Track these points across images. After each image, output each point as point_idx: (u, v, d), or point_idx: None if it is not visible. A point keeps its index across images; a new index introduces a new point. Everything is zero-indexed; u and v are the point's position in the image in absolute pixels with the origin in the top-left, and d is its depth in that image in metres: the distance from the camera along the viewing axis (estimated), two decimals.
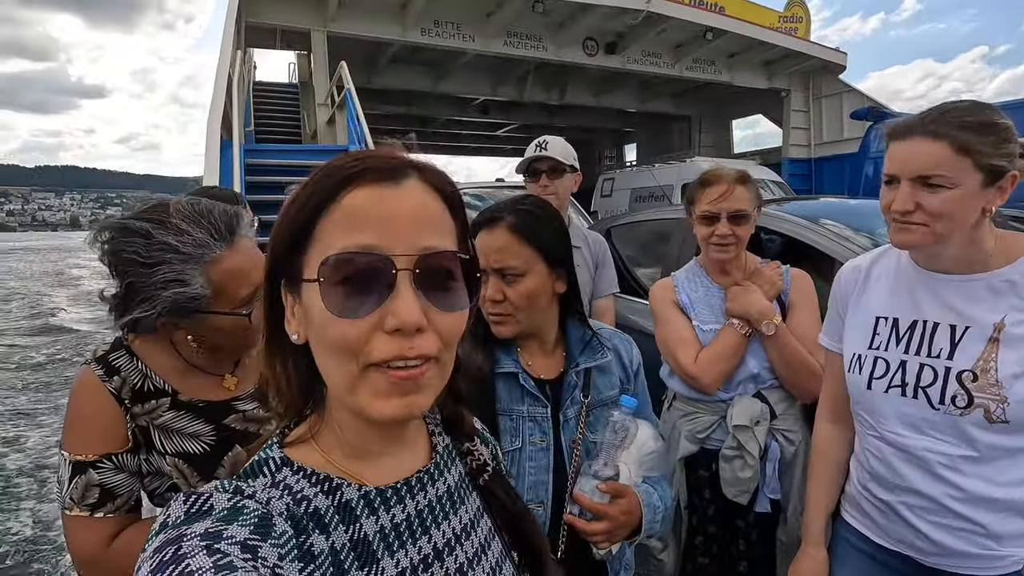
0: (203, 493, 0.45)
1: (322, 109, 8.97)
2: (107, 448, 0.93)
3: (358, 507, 0.50)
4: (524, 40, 10.39)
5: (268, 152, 6.65)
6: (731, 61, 12.33)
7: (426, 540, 0.52)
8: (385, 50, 10.49)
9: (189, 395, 1.00)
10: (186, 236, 0.90)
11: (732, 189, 1.51)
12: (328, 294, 0.44)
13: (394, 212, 0.46)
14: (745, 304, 1.50)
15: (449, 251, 0.48)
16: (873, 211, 3.03)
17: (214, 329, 0.95)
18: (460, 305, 0.48)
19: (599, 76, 12.72)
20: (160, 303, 0.89)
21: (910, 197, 0.95)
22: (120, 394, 0.95)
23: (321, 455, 0.51)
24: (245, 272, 0.94)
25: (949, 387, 0.96)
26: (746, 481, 1.46)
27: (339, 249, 0.44)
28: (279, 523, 0.44)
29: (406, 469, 0.54)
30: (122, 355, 0.98)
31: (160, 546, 0.40)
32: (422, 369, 0.45)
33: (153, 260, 0.88)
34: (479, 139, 19.89)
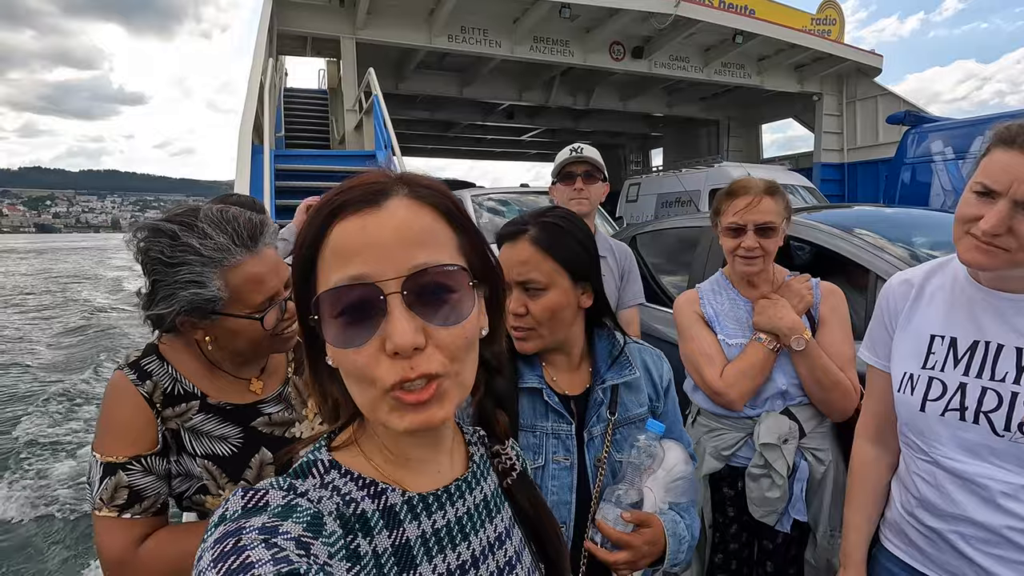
0: (260, 489, 0.47)
1: (350, 115, 9.11)
2: (137, 450, 0.95)
3: (402, 512, 0.51)
4: (551, 45, 10.39)
5: (297, 157, 6.77)
6: (761, 64, 12.11)
7: (465, 547, 0.54)
8: (412, 56, 10.60)
9: (217, 398, 1.03)
10: (208, 240, 0.93)
11: (760, 200, 1.47)
12: (329, 328, 0.46)
13: (377, 237, 0.46)
14: (773, 318, 1.46)
15: (439, 265, 0.47)
16: (911, 221, 2.94)
17: (229, 331, 0.98)
18: (460, 317, 0.48)
19: (625, 80, 12.63)
20: (179, 302, 0.92)
21: (1006, 219, 0.86)
22: (152, 398, 0.97)
23: (365, 459, 0.53)
24: (261, 279, 0.97)
25: (1016, 413, 0.91)
26: (774, 501, 1.42)
27: (332, 284, 0.46)
28: (329, 522, 0.46)
29: (445, 477, 0.56)
30: (153, 360, 1.01)
31: (220, 537, 0.42)
32: (430, 391, 0.46)
33: (176, 260, 0.92)
34: (504, 144, 19.95)
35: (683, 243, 3.52)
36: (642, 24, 10.13)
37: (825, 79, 12.64)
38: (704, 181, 8.99)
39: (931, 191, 6.61)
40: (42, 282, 24.64)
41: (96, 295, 18.94)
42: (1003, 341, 0.95)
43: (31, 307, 16.23)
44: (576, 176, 1.97)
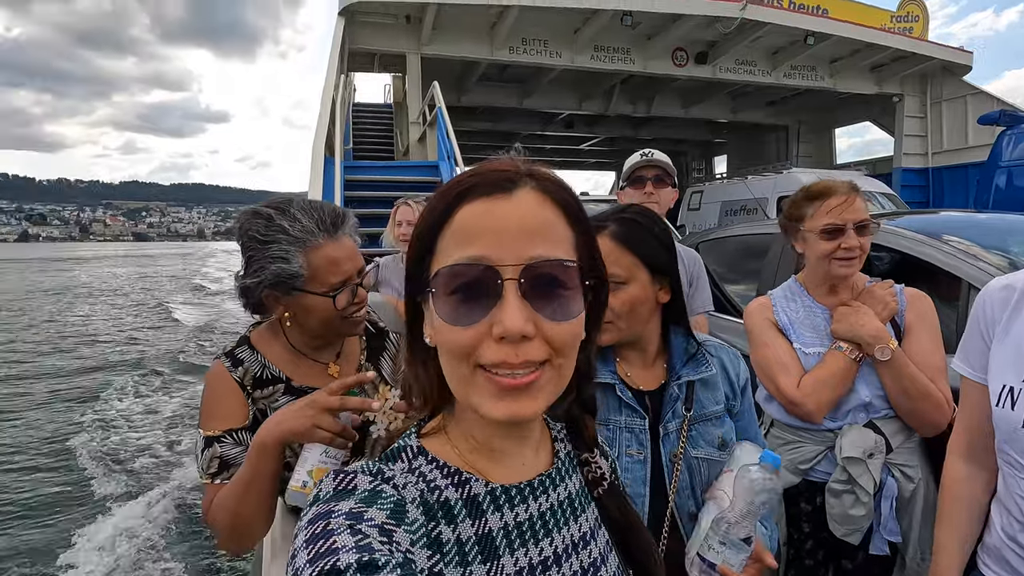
0: (350, 473, 0.50)
1: (414, 127, 9.42)
2: (229, 424, 1.07)
3: (484, 502, 0.52)
4: (611, 53, 10.34)
5: (365, 168, 7.06)
6: (835, 66, 11.55)
7: (547, 543, 0.54)
8: (474, 69, 10.83)
9: (300, 382, 1.13)
10: (297, 223, 1.06)
11: (852, 199, 1.42)
12: (441, 303, 0.48)
13: (502, 223, 0.47)
14: (855, 326, 1.39)
15: (557, 260, 0.47)
16: (1008, 226, 2.72)
17: (305, 308, 1.08)
18: (571, 314, 0.48)
19: (688, 87, 12.38)
20: (266, 274, 1.04)
21: None
22: (243, 382, 1.10)
23: (452, 447, 0.55)
24: (338, 262, 1.07)
25: None
26: (858, 519, 1.34)
27: (452, 262, 0.47)
28: (412, 510, 0.48)
29: (529, 471, 0.56)
30: (245, 349, 1.14)
31: (313, 519, 0.45)
32: (530, 377, 0.46)
33: (268, 238, 1.05)
34: (563, 153, 19.97)
35: (750, 251, 3.40)
36: (706, 29, 9.91)
37: (906, 79, 11.89)
38: (772, 188, 8.65)
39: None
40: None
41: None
42: None
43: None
44: (646, 180, 1.96)
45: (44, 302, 20.44)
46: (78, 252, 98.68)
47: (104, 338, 12.79)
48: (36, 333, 13.61)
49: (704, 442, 1.05)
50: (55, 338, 12.85)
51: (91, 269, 42.68)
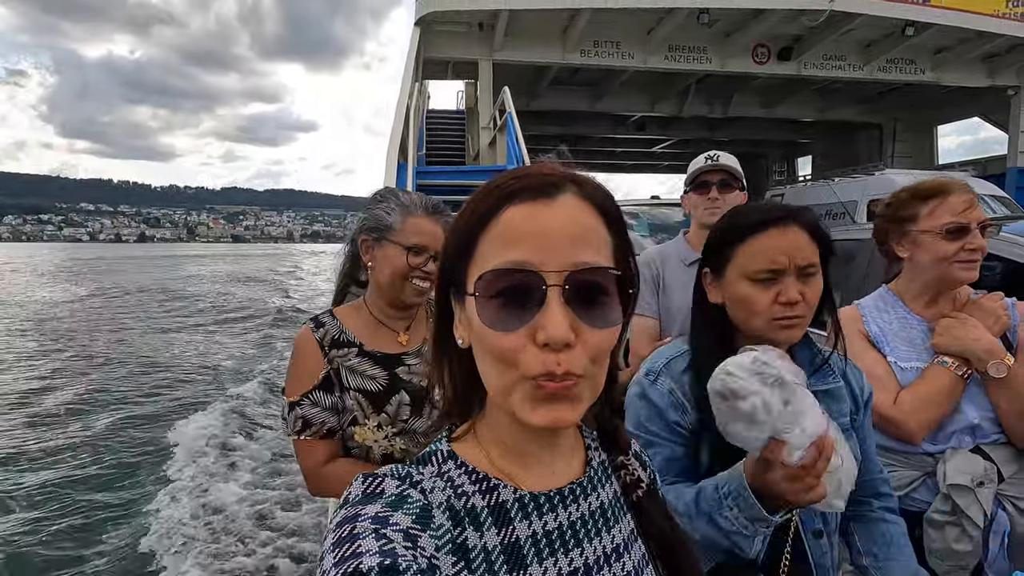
0: (378, 476, 0.50)
1: (485, 132, 9.56)
2: (305, 388, 1.24)
3: (512, 509, 0.51)
4: (686, 53, 10.05)
5: (436, 173, 7.25)
6: (938, 58, 10.62)
7: (577, 553, 0.52)
8: (545, 73, 10.88)
9: (372, 347, 1.29)
10: (407, 196, 1.33)
11: (975, 197, 1.29)
12: (484, 308, 0.47)
13: (546, 228, 0.47)
14: (964, 340, 1.25)
15: (601, 267, 0.47)
16: None
17: (385, 257, 1.27)
18: (611, 322, 0.48)
19: (769, 84, 11.82)
20: (369, 217, 1.30)
21: None
22: (323, 341, 1.27)
23: (482, 452, 0.54)
24: (424, 230, 1.27)
25: None
26: (964, 555, 1.20)
27: (494, 265, 0.47)
28: (438, 516, 0.48)
29: (560, 478, 0.55)
30: (328, 316, 1.32)
31: (341, 522, 0.46)
32: (568, 384, 0.46)
33: (383, 199, 1.31)
34: (634, 156, 19.61)
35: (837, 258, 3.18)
36: (791, 23, 9.42)
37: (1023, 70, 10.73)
38: (862, 191, 8.04)
39: None
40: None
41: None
42: None
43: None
44: (711, 185, 1.85)
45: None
46: (190, 250, 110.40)
47: None
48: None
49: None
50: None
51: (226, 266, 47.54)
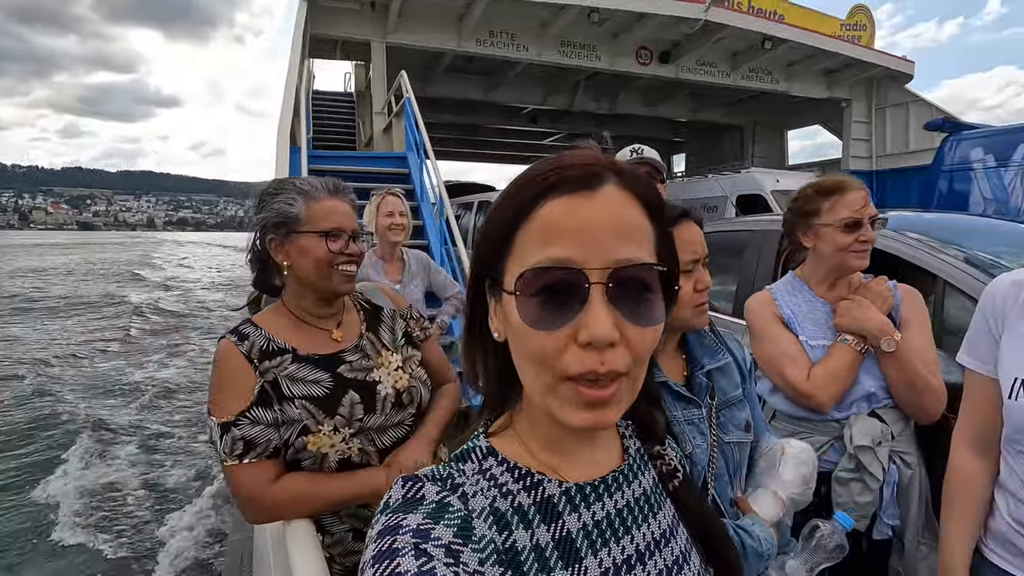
0: (418, 480, 0.49)
1: (379, 117, 9.20)
2: (241, 406, 1.10)
3: (560, 503, 0.51)
4: (578, 50, 10.40)
5: (331, 158, 6.85)
6: (790, 70, 11.99)
7: (628, 540, 0.53)
8: (440, 60, 10.68)
9: (306, 351, 1.20)
10: (304, 182, 1.23)
11: (868, 195, 1.47)
12: (524, 306, 0.46)
13: (588, 223, 0.45)
14: (861, 320, 1.44)
15: (646, 263, 0.46)
16: (959, 226, 2.88)
17: (302, 251, 1.18)
18: (655, 319, 0.46)
19: (651, 85, 12.59)
20: (270, 212, 1.19)
21: None
22: (250, 354, 1.14)
23: (522, 446, 0.53)
24: (334, 211, 1.20)
25: None
26: (865, 506, 1.39)
27: (534, 262, 0.45)
28: (479, 526, 0.47)
29: (603, 467, 0.55)
30: (248, 326, 1.20)
31: (382, 532, 0.45)
32: (611, 390, 0.45)
33: (278, 191, 1.21)
34: (526, 148, 19.96)
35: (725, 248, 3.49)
36: (670, 29, 10.10)
37: (855, 85, 12.48)
38: (731, 187, 8.91)
39: (970, 199, 6.49)
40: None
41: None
42: None
43: None
44: None
45: None
46: (26, 239, 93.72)
47: None
48: None
49: (732, 427, 1.08)
50: None
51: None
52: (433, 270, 2.76)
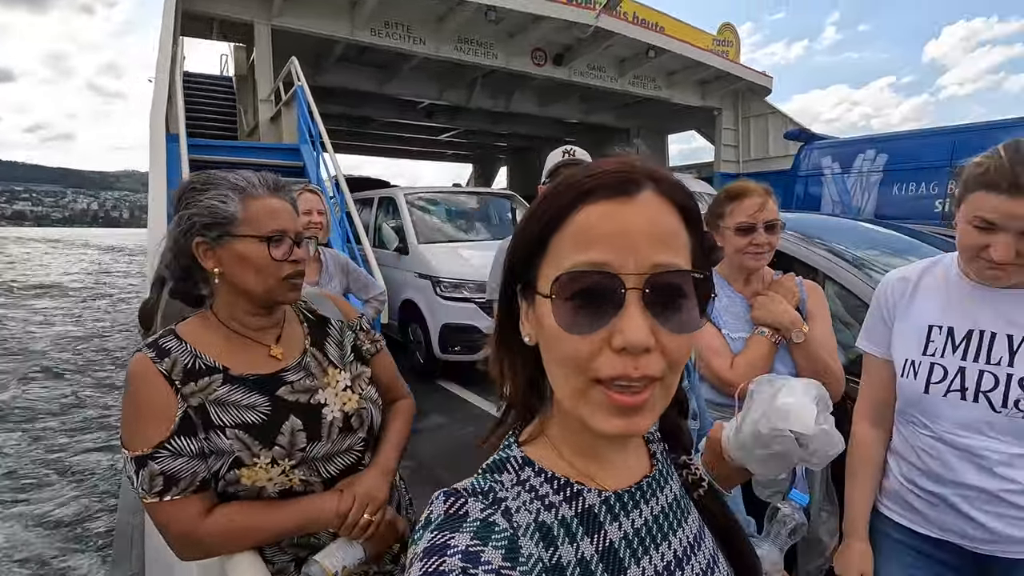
0: (460, 496, 0.48)
1: (265, 105, 8.55)
2: (160, 437, 0.95)
3: (600, 513, 0.51)
4: (475, 47, 10.42)
5: (214, 148, 6.26)
6: (670, 79, 12.94)
7: (666, 546, 0.53)
8: (332, 48, 10.17)
9: (240, 371, 1.04)
10: (239, 176, 1.07)
11: (766, 201, 1.60)
12: (559, 310, 0.46)
13: (625, 228, 0.45)
14: (775, 314, 1.59)
15: (683, 270, 0.46)
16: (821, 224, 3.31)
17: (240, 258, 1.03)
18: (691, 326, 0.46)
19: (545, 86, 12.95)
20: (198, 215, 1.02)
21: (1012, 248, 1.02)
22: (171, 375, 0.98)
23: (555, 452, 0.53)
24: (276, 212, 1.06)
25: (1012, 392, 1.07)
26: (781, 482, 1.54)
27: (570, 266, 0.45)
28: (526, 544, 0.47)
29: (635, 473, 0.56)
30: (171, 339, 1.02)
31: (429, 550, 0.44)
32: (644, 396, 0.45)
33: (208, 186, 1.04)
34: (421, 143, 19.68)
35: None
36: (564, 33, 10.45)
37: (724, 95, 13.77)
38: None
39: (822, 201, 7.42)
40: None
41: None
42: (995, 329, 1.12)
43: None
44: None
45: None
46: None
47: None
48: None
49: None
50: None
51: None
52: (352, 270, 2.64)
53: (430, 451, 3.93)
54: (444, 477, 3.57)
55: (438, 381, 5.52)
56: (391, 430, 1.24)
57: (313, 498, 1.07)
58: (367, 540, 1.09)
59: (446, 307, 5.33)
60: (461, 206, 7.17)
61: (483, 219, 7.04)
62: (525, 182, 18.53)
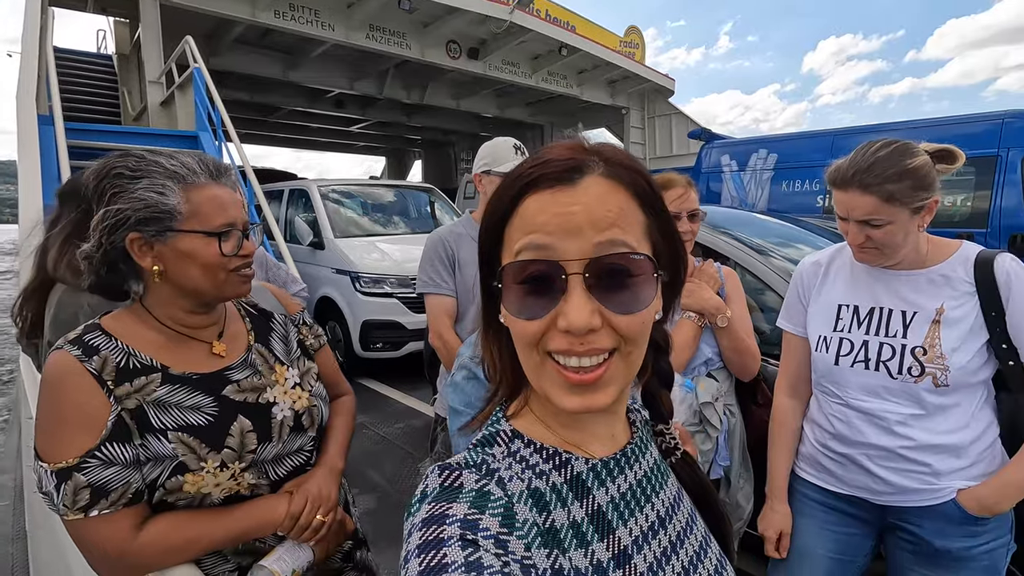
0: (455, 469, 0.50)
1: (154, 88, 7.82)
2: (89, 444, 0.86)
3: (588, 479, 0.54)
4: (387, 36, 10.13)
5: (96, 133, 5.62)
6: (581, 77, 13.33)
7: (650, 508, 0.56)
8: (229, 29, 9.47)
9: (181, 369, 0.97)
10: (175, 161, 0.96)
11: (688, 192, 1.71)
12: (508, 296, 0.49)
13: (567, 215, 0.46)
14: (701, 300, 1.70)
15: (623, 252, 0.46)
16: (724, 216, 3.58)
17: (183, 255, 0.94)
18: (639, 305, 0.47)
19: (459, 79, 12.87)
20: (133, 209, 0.90)
21: (860, 233, 1.21)
22: (101, 375, 0.89)
23: (541, 424, 0.55)
24: (222, 202, 0.98)
25: (906, 360, 1.22)
26: (707, 452, 1.66)
27: (515, 255, 0.48)
28: (520, 511, 0.48)
29: (619, 440, 0.58)
30: (98, 335, 0.93)
31: (427, 520, 0.45)
32: (598, 371, 0.46)
33: (140, 173, 0.92)
34: (330, 134, 18.84)
35: None
36: (479, 26, 10.43)
37: (632, 95, 14.40)
38: None
39: (722, 197, 7.99)
40: None
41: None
42: (892, 306, 1.28)
43: None
44: None
45: None
46: None
47: None
48: None
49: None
50: None
51: None
52: (271, 266, 2.49)
53: (355, 450, 3.79)
54: (371, 476, 3.49)
55: (360, 380, 5.35)
56: (336, 428, 1.20)
57: (261, 501, 1.01)
58: (317, 542, 1.05)
59: (367, 303, 5.17)
60: (379, 199, 6.97)
61: (402, 212, 6.89)
62: (440, 176, 18.35)
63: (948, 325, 1.20)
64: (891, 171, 1.15)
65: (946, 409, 1.21)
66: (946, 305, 1.21)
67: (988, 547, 1.21)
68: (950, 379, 1.18)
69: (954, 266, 1.23)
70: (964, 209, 5.63)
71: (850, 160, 1.21)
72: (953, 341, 1.18)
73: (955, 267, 1.23)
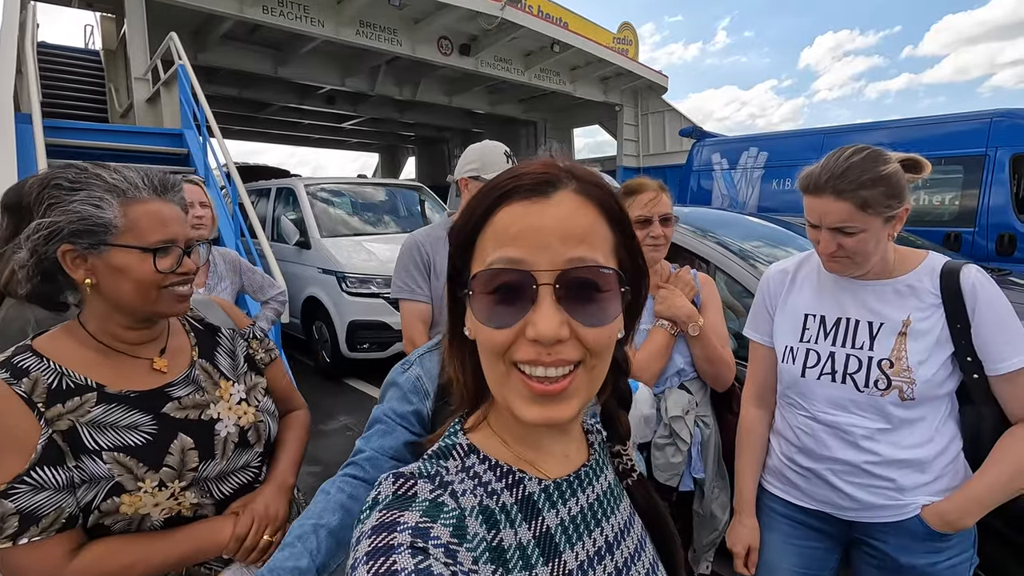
0: (409, 478, 0.50)
1: (140, 84, 7.72)
2: (16, 470, 0.83)
3: (539, 500, 0.53)
4: (378, 32, 10.05)
5: (77, 131, 5.54)
6: (573, 73, 13.27)
7: (599, 532, 0.56)
8: (218, 24, 9.36)
9: (118, 387, 0.94)
10: (118, 175, 0.94)
11: (659, 196, 1.67)
12: (478, 304, 0.49)
13: (540, 226, 0.48)
14: (674, 308, 1.67)
15: (593, 265, 0.48)
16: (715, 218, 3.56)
17: (116, 269, 0.92)
18: (607, 318, 0.49)
19: (451, 76, 12.80)
20: (67, 221, 0.88)
21: (832, 241, 1.18)
22: (31, 396, 0.86)
23: (497, 439, 0.55)
24: (162, 218, 0.96)
25: (872, 373, 1.19)
26: (678, 465, 1.63)
27: (487, 264, 0.48)
28: (472, 524, 0.49)
29: (573, 461, 0.58)
30: (28, 356, 0.90)
31: (377, 528, 0.45)
32: (563, 383, 0.47)
33: (78, 185, 0.91)
34: (323, 130, 18.73)
35: None
36: (470, 23, 10.36)
37: (625, 92, 14.35)
38: None
39: (713, 195, 7.97)
40: None
41: None
42: (859, 317, 1.25)
43: None
44: None
45: None
46: None
47: None
48: None
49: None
50: None
51: None
52: (246, 269, 2.44)
53: (338, 454, 3.78)
54: None
55: (346, 380, 5.31)
56: (287, 443, 1.17)
57: (204, 523, 0.98)
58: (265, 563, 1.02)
59: (353, 303, 5.13)
60: (367, 198, 6.91)
61: (391, 211, 6.84)
62: (434, 173, 18.27)
63: (914, 337, 1.17)
64: (865, 177, 1.13)
65: (912, 423, 1.18)
66: (912, 317, 1.18)
67: (951, 562, 1.19)
68: (916, 392, 1.15)
69: (920, 276, 1.21)
70: (952, 208, 5.63)
71: (822, 166, 1.18)
72: (919, 353, 1.16)
73: (921, 277, 1.20)
